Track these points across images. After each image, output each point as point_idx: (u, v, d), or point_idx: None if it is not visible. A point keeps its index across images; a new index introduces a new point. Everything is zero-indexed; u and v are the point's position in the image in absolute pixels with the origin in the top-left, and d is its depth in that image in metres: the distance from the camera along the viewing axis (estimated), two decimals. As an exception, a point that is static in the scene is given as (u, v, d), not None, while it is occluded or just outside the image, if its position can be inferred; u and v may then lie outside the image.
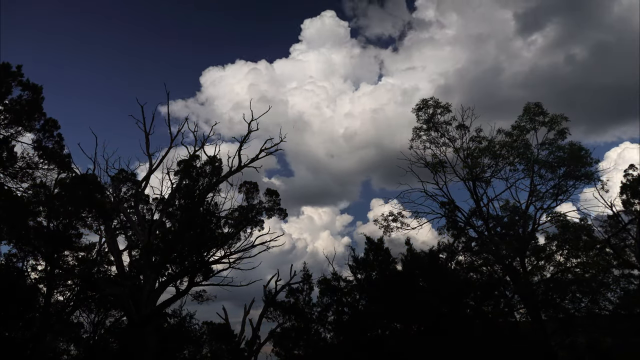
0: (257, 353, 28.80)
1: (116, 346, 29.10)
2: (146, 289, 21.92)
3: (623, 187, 26.83)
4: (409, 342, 24.33)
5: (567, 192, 25.62)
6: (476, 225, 27.22)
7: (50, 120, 20.16)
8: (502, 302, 26.30)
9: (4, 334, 24.72)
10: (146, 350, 20.86)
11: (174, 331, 29.33)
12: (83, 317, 30.54)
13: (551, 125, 25.94)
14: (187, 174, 24.45)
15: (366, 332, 25.98)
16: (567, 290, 23.16)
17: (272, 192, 24.65)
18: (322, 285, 28.94)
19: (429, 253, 28.05)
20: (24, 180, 20.07)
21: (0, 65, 18.57)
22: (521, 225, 26.21)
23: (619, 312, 23.12)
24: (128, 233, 27.26)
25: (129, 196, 26.45)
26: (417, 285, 25.30)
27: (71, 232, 25.37)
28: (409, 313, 24.44)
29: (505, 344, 22.73)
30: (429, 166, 27.75)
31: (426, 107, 27.62)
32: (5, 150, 18.72)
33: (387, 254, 28.89)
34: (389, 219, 27.91)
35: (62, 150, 20.75)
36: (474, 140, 27.17)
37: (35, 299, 25.93)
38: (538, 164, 25.97)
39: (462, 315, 24.47)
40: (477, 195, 26.81)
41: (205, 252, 22.33)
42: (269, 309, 28.99)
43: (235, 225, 23.56)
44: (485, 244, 26.14)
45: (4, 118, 18.54)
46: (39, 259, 26.65)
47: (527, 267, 24.94)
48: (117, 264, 23.74)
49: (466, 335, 22.64)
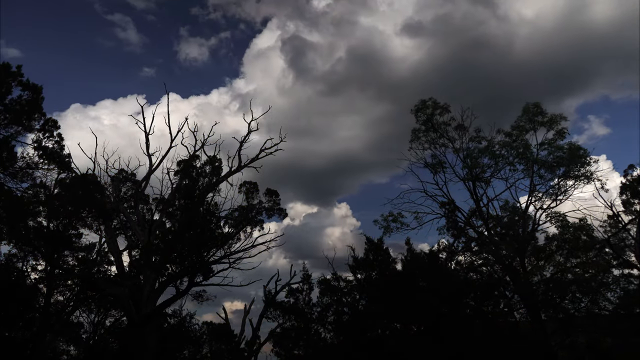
0: (257, 353, 28.84)
1: (116, 346, 29.12)
2: (146, 289, 21.93)
3: (623, 187, 26.83)
4: (409, 342, 24.33)
5: (567, 192, 25.63)
6: (476, 225, 27.24)
7: (50, 120, 20.19)
8: (502, 302, 26.30)
9: (4, 334, 24.74)
10: (146, 350, 20.86)
11: (174, 331, 29.36)
12: (83, 317, 30.58)
13: (550, 125, 25.95)
14: (187, 174, 24.47)
15: (366, 332, 25.97)
16: (567, 290, 23.15)
17: (272, 192, 24.68)
18: (322, 285, 28.96)
19: (428, 253, 28.07)
20: (24, 180, 20.08)
21: (0, 65, 18.60)
22: (521, 225, 26.22)
23: (619, 312, 23.11)
24: (128, 233, 27.26)
25: (129, 196, 26.47)
26: (417, 285, 25.28)
27: (71, 232, 25.40)
28: (409, 313, 24.44)
29: (505, 344, 22.72)
30: (429, 166, 27.77)
31: (425, 107, 27.61)
32: (5, 150, 18.73)
33: (387, 254, 28.91)
34: (389, 219, 27.93)
35: (62, 150, 20.77)
36: (473, 140, 27.18)
37: (35, 299, 25.95)
38: (537, 164, 25.98)
39: (462, 315, 24.46)
40: (477, 195, 26.83)
41: (205, 252, 22.35)
42: (269, 309, 29.01)
43: (235, 225, 23.59)
44: (485, 244, 26.15)
45: (4, 118, 18.55)
46: (39, 259, 26.66)
47: (527, 267, 24.92)
48: (117, 264, 23.75)
49: (466, 336, 22.64)
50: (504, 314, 25.73)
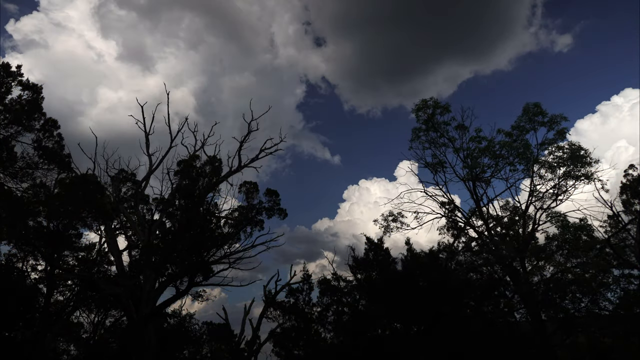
0: (257, 353, 28.80)
1: (116, 346, 29.13)
2: (146, 289, 21.93)
3: (623, 187, 26.82)
4: (409, 342, 24.31)
5: (567, 192, 25.61)
6: (476, 225, 27.22)
7: (50, 120, 20.21)
8: (502, 302, 26.29)
9: (4, 334, 24.74)
10: (146, 350, 20.86)
11: (174, 331, 29.37)
12: (83, 317, 30.64)
13: (550, 125, 25.96)
14: (187, 174, 24.46)
15: (366, 332, 25.94)
16: (567, 290, 23.14)
17: (272, 192, 24.66)
18: (322, 285, 28.94)
19: (429, 253, 28.06)
20: (24, 180, 20.12)
21: (0, 65, 18.61)
22: (521, 225, 26.21)
23: (619, 312, 23.09)
24: (128, 233, 27.29)
25: (129, 196, 26.48)
26: (417, 286, 25.27)
27: (71, 232, 25.40)
28: (409, 313, 24.42)
29: (505, 344, 22.71)
30: (429, 166, 27.77)
31: (425, 107, 27.60)
32: (5, 150, 18.75)
33: (387, 254, 28.89)
34: (389, 219, 27.93)
35: (62, 150, 20.79)
36: (473, 140, 27.16)
37: (35, 299, 25.95)
38: (538, 164, 25.98)
39: (462, 315, 24.45)
40: (477, 195, 26.83)
41: (205, 252, 22.35)
42: (269, 309, 28.99)
43: (235, 225, 23.59)
44: (485, 244, 26.14)
45: (4, 118, 18.56)
46: (39, 259, 26.68)
47: (527, 267, 24.91)
48: (117, 264, 23.76)
49: (466, 336, 22.63)
50: (504, 314, 25.72)
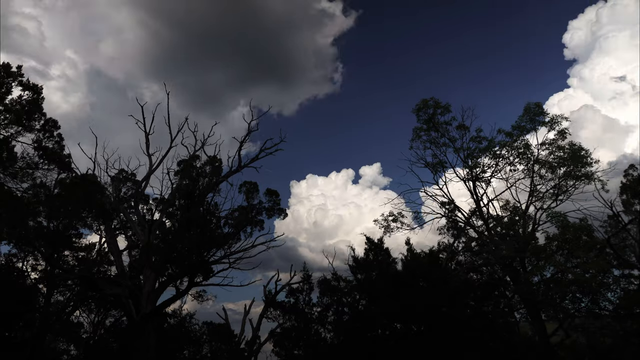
0: (257, 353, 28.81)
1: (116, 346, 29.11)
2: (146, 289, 21.92)
3: (623, 187, 26.81)
4: (409, 342, 24.32)
5: (567, 192, 25.58)
6: (476, 225, 27.20)
7: (50, 120, 20.22)
8: (502, 302, 26.27)
9: (4, 334, 24.75)
10: (146, 350, 20.86)
11: (174, 331, 29.36)
12: (83, 317, 30.64)
13: (551, 125, 25.92)
14: (187, 174, 24.47)
15: (366, 332, 25.95)
16: (567, 290, 23.11)
17: (272, 192, 24.68)
18: (322, 285, 28.95)
19: (429, 253, 28.05)
20: (24, 180, 20.13)
21: (1, 65, 18.61)
22: (521, 225, 26.18)
23: (619, 312, 23.07)
24: (128, 233, 27.27)
25: (129, 196, 26.46)
26: (417, 286, 25.27)
27: (71, 232, 25.42)
28: (409, 313, 24.42)
29: (505, 344, 22.71)
30: (429, 166, 27.74)
31: (426, 107, 27.57)
32: (5, 150, 18.75)
33: (387, 254, 28.90)
34: (389, 219, 27.91)
35: (62, 150, 20.80)
36: (474, 140, 27.13)
37: (35, 299, 25.96)
38: (538, 164, 25.95)
39: (462, 316, 24.45)
40: (477, 195, 26.78)
41: (205, 252, 22.35)
42: (269, 309, 28.99)
43: (235, 225, 23.60)
44: (485, 244, 26.11)
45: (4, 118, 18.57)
46: (39, 259, 26.69)
47: (527, 267, 24.89)
48: (117, 264, 23.75)
49: (466, 336, 22.63)
50: (504, 314, 25.71)
